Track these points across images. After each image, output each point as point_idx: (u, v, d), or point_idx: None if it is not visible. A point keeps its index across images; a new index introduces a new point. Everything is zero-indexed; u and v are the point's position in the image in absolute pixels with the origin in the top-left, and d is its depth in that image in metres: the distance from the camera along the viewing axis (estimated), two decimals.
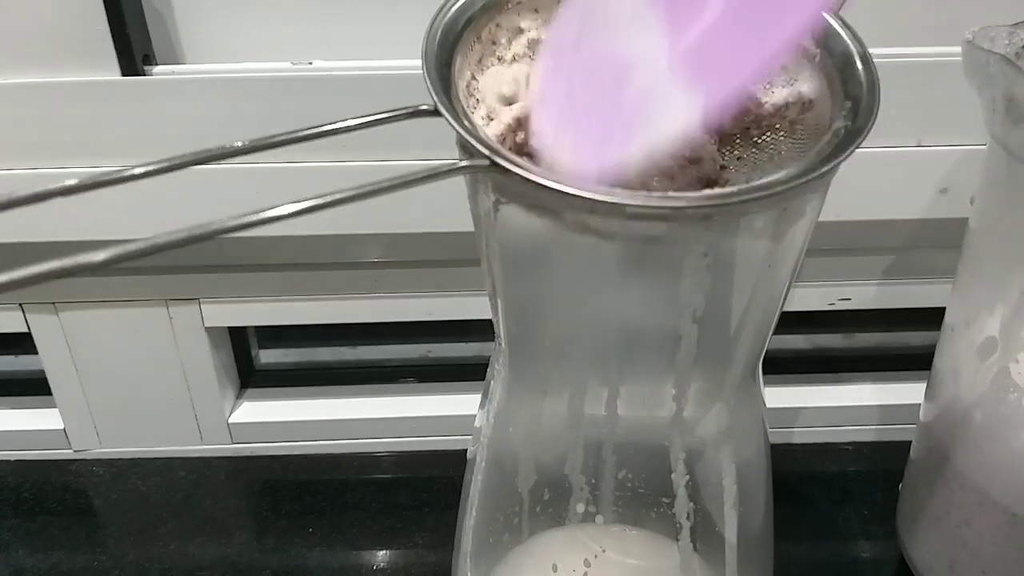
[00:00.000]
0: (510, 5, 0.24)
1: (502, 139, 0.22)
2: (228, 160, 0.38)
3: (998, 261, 0.32)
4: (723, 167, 0.23)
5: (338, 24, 0.38)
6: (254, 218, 0.17)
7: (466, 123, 0.21)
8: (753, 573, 0.30)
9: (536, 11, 0.25)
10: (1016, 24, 0.30)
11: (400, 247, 0.41)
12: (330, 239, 0.40)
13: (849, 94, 0.22)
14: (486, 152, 0.20)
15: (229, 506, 0.44)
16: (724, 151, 0.23)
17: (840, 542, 0.42)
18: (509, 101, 0.23)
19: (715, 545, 0.29)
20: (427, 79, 0.21)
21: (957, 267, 0.34)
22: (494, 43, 0.24)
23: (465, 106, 0.22)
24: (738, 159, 0.23)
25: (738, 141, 0.23)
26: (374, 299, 0.43)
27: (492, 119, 0.22)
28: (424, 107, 0.21)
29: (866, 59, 0.22)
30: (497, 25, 0.24)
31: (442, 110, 0.21)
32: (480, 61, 0.24)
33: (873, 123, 0.21)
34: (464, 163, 0.20)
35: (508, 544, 0.31)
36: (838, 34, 0.23)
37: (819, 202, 0.23)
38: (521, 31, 0.25)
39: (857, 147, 0.20)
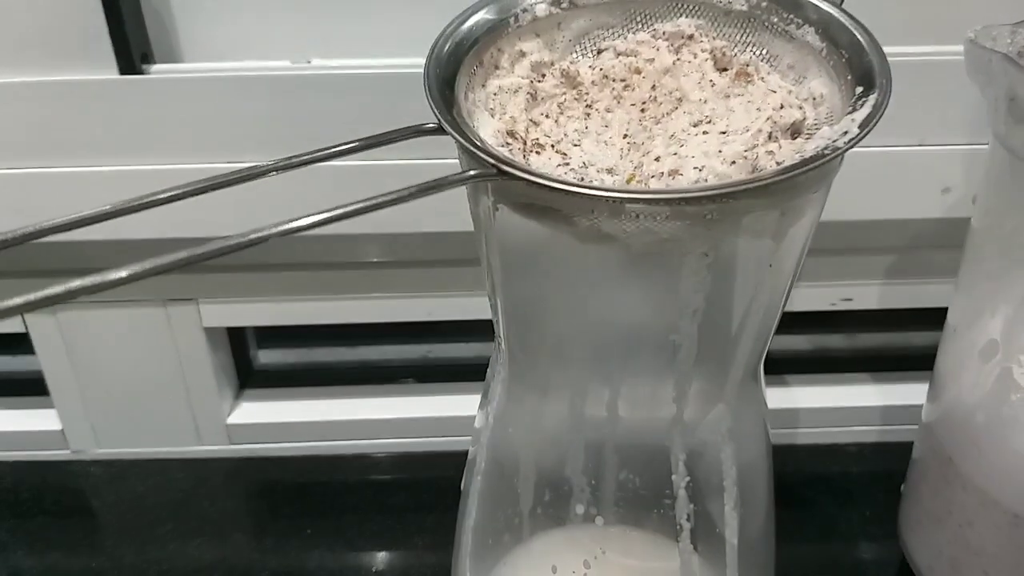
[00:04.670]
0: (510, 30, 0.24)
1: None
2: (231, 160, 0.39)
3: (1000, 261, 0.32)
4: None
5: (337, 23, 0.37)
6: (274, 231, 0.18)
7: (470, 136, 0.21)
8: (754, 574, 0.30)
9: (537, 35, 0.25)
10: (1018, 23, 0.30)
11: (400, 247, 0.41)
12: (330, 239, 0.40)
13: (861, 83, 0.22)
14: (492, 162, 0.20)
15: (227, 507, 0.44)
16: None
17: (842, 543, 0.42)
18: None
19: (716, 546, 0.29)
20: (431, 101, 0.22)
21: (959, 267, 0.34)
22: (496, 67, 0.24)
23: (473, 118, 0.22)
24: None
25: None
26: (374, 299, 0.43)
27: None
28: (429, 125, 0.22)
29: (876, 47, 0.22)
30: (499, 50, 0.24)
31: (447, 128, 0.21)
32: (484, 85, 0.24)
33: (881, 114, 0.21)
34: (472, 172, 0.20)
35: (508, 545, 0.31)
36: (843, 25, 0.23)
37: (820, 202, 0.23)
38: (523, 55, 0.25)
39: (862, 138, 0.20)
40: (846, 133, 0.20)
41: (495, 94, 0.24)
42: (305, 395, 0.48)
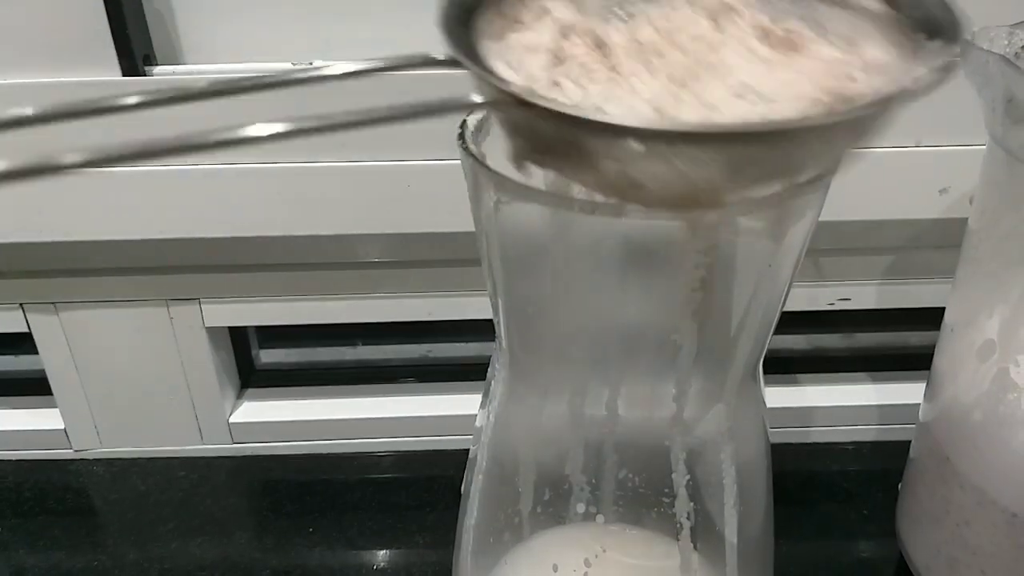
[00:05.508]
0: None
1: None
2: (232, 161, 0.38)
3: (997, 261, 0.32)
4: None
5: (338, 24, 0.38)
6: (236, 134, 0.16)
7: (486, 64, 0.19)
8: (753, 573, 0.30)
9: None
10: (1016, 24, 0.30)
11: (400, 247, 0.41)
12: (330, 239, 0.40)
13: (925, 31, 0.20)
14: (513, 91, 0.18)
15: (229, 506, 0.44)
16: None
17: (840, 542, 0.42)
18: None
19: (715, 545, 0.29)
20: (442, 23, 0.20)
21: (957, 267, 0.34)
22: (517, 21, 0.22)
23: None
24: None
25: None
26: (374, 299, 0.43)
27: None
28: (439, 56, 0.19)
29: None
30: (520, 1, 0.22)
31: (459, 55, 0.19)
32: (502, 38, 0.22)
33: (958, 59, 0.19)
34: (486, 99, 0.18)
35: (509, 543, 0.31)
36: None
37: (820, 202, 0.23)
38: (547, 11, 0.22)
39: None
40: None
41: (514, 48, 0.21)
42: (307, 394, 0.48)
